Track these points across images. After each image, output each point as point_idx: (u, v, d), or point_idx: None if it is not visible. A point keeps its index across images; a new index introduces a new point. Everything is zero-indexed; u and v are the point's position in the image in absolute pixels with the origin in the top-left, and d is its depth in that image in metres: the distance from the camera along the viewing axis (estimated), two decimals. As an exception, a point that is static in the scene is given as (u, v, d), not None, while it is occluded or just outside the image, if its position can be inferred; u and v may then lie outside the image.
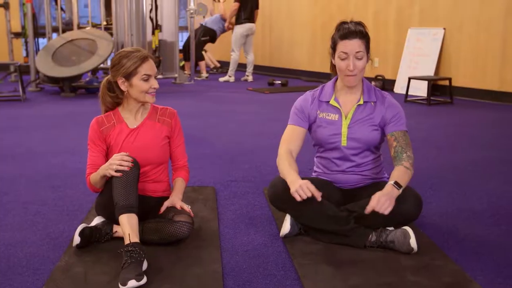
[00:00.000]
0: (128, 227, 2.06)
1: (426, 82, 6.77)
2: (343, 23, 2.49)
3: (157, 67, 8.48)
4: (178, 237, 2.23)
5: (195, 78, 9.39)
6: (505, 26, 6.49)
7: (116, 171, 2.14)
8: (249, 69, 9.41)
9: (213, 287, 1.91)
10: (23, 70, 7.33)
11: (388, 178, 2.43)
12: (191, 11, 8.87)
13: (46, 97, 7.19)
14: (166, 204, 2.33)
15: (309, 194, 2.17)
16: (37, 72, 7.65)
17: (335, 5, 8.96)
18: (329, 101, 2.51)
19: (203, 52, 10.21)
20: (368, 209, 2.15)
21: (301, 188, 2.17)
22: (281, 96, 7.49)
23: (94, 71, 8.21)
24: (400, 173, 2.29)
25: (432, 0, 7.37)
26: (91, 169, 2.33)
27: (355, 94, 2.50)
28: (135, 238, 2.04)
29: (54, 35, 8.41)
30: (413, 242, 2.17)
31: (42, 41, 8.77)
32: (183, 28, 10.47)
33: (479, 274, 2.03)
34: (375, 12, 8.22)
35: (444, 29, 7.22)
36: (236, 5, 8.85)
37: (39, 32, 8.53)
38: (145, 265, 2.01)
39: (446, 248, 2.29)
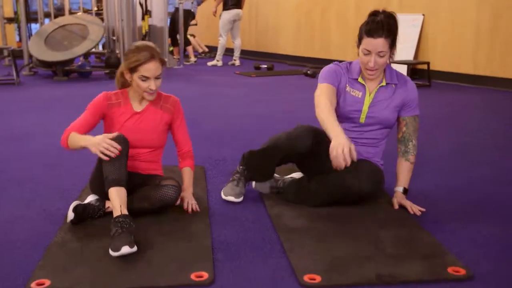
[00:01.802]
0: (117, 199, 2.08)
1: (405, 66, 6.82)
2: (374, 14, 2.39)
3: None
4: (167, 201, 2.27)
5: (184, 62, 9.34)
6: (478, 14, 6.53)
7: (103, 153, 2.13)
8: (236, 53, 9.39)
9: (204, 260, 1.92)
10: (16, 54, 7.27)
11: (381, 163, 2.58)
12: (180, -2, 8.81)
13: (40, 80, 7.12)
14: (185, 197, 2.42)
15: (349, 160, 2.09)
16: (30, 56, 7.57)
17: (318, -8, 8.92)
18: (357, 79, 2.51)
19: (191, 38, 10.14)
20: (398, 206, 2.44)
21: (345, 151, 2.08)
22: (267, 79, 7.48)
23: (86, 55, 8.15)
24: (407, 175, 2.50)
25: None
26: (73, 129, 2.31)
27: (378, 77, 2.50)
28: (125, 210, 2.06)
29: (46, 20, 8.31)
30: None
31: (34, 26, 8.67)
32: (171, 14, 10.38)
33: (454, 246, 2.06)
34: (357, 0, 8.21)
35: (423, 15, 7.24)
36: None
37: (31, 17, 8.44)
38: (134, 249, 1.98)
39: (423, 222, 2.31)
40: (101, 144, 2.13)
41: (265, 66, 8.69)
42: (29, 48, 7.35)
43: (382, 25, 2.31)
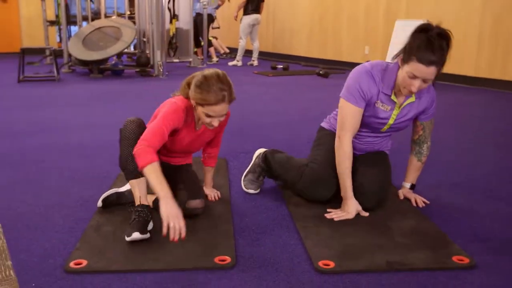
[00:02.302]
0: (137, 190, 2.03)
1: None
2: (427, 30, 1.99)
3: (174, 53, 8.49)
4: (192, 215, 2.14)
5: (207, 62, 9.32)
6: (481, 20, 6.41)
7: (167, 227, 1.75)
8: (255, 54, 9.35)
9: (226, 243, 1.90)
10: (57, 54, 7.33)
11: (388, 148, 2.48)
12: (204, 3, 8.79)
13: (77, 77, 7.15)
14: (207, 191, 2.39)
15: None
16: (69, 55, 7.61)
17: (331, -1, 8.84)
18: (390, 95, 2.18)
19: (213, 39, 10.12)
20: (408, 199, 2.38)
21: (350, 215, 2.17)
22: (283, 78, 7.44)
23: (119, 55, 8.16)
24: (416, 172, 2.42)
25: (418, -5, 7.27)
26: (151, 147, 1.91)
27: None
28: (145, 201, 2.02)
29: (84, 23, 8.33)
30: None
31: (73, 29, 8.71)
32: (193, 18, 10.37)
33: (458, 237, 2.02)
34: (367, 5, 8.11)
35: (427, 20, 7.12)
36: None
37: (71, 20, 8.49)
38: (150, 226, 2.00)
39: (429, 214, 2.27)
40: (174, 219, 1.75)
41: (281, 66, 8.64)
42: (69, 48, 7.40)
43: (438, 53, 1.95)
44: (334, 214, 2.18)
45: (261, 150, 2.63)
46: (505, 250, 1.95)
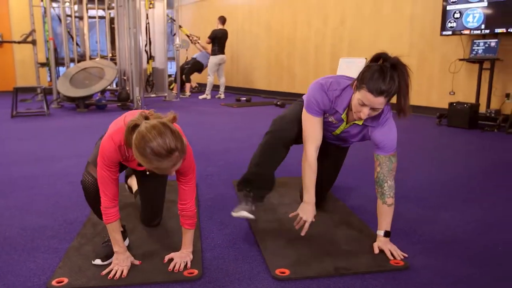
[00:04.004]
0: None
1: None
2: (383, 60, 1.80)
3: (151, 89, 8.41)
4: None
5: (180, 96, 9.27)
6: (409, 57, 6.60)
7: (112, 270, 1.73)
8: (222, 89, 9.36)
9: (194, 259, 1.84)
10: (47, 91, 7.15)
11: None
12: (177, 45, 8.78)
13: (65, 112, 6.99)
14: (175, 257, 1.82)
15: (304, 230, 1.96)
16: (58, 93, 7.43)
17: (285, 39, 8.96)
18: (341, 114, 1.98)
19: (190, 77, 10.16)
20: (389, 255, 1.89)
21: (307, 218, 1.95)
22: (246, 109, 7.44)
23: (103, 91, 8.04)
24: (387, 217, 1.96)
25: (357, 37, 7.44)
26: (110, 206, 1.72)
27: None
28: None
29: (72, 64, 8.18)
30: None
31: (62, 69, 8.53)
32: (171, 59, 10.32)
33: (394, 242, 2.01)
34: (315, 46, 8.25)
35: (366, 58, 7.30)
36: (208, 40, 8.93)
37: (59, 62, 8.33)
38: (125, 243, 1.91)
39: (371, 223, 2.27)
40: (119, 265, 1.73)
41: (244, 98, 8.65)
42: (57, 86, 7.23)
43: (388, 83, 1.73)
44: (296, 224, 1.99)
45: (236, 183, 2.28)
46: (436, 253, 1.96)
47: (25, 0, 9.33)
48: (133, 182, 2.49)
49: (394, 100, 1.84)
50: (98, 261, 1.80)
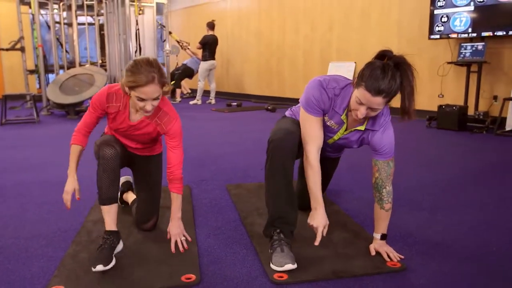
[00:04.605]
0: (107, 216, 1.91)
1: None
2: (387, 58, 1.70)
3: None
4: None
5: (172, 102, 9.24)
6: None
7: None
8: (212, 94, 9.34)
9: (192, 264, 1.83)
10: (36, 98, 7.08)
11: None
12: (167, 51, 8.76)
13: (55, 119, 6.92)
14: (172, 235, 1.98)
15: (318, 237, 1.84)
16: (48, 100, 7.36)
17: (275, 45, 8.98)
18: (341, 115, 1.89)
19: (182, 83, 10.15)
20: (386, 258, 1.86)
21: (318, 228, 1.85)
22: (237, 114, 7.44)
23: (93, 98, 7.97)
24: (384, 221, 1.93)
25: (346, 42, 7.49)
26: (80, 131, 1.99)
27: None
28: (113, 227, 1.91)
29: (61, 71, 8.11)
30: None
31: (51, 76, 8.44)
32: (161, 65, 10.32)
33: (391, 244, 2.00)
34: (304, 51, 8.29)
35: (355, 63, 7.35)
36: (199, 46, 8.89)
37: (48, 69, 8.25)
38: (119, 247, 1.91)
39: (366, 226, 2.28)
40: (65, 192, 1.94)
41: (235, 103, 8.65)
42: (47, 93, 7.15)
43: (388, 83, 1.64)
44: (317, 238, 1.86)
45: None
46: (431, 254, 1.96)
47: (13, 7, 9.26)
48: (128, 196, 2.51)
49: (394, 102, 1.80)
50: (100, 267, 1.72)
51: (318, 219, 1.87)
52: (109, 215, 1.93)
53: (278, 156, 1.90)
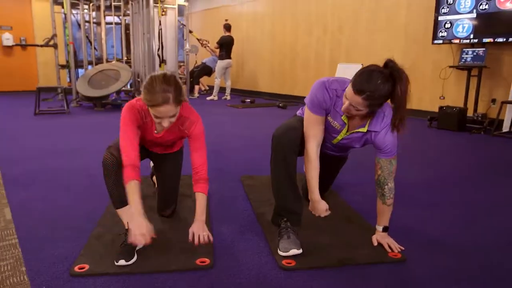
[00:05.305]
0: (125, 217, 1.79)
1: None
2: (386, 66, 1.66)
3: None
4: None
5: (189, 97, 9.25)
6: (402, 64, 6.55)
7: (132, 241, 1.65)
8: (228, 91, 9.32)
9: (205, 248, 1.81)
10: (67, 91, 7.12)
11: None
12: (187, 50, 8.76)
13: (84, 110, 6.97)
14: (195, 231, 1.77)
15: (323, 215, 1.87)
16: (77, 93, 7.42)
17: (288, 46, 8.92)
18: (341, 115, 1.86)
19: (200, 80, 10.16)
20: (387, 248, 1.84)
21: (320, 213, 1.89)
22: (250, 110, 7.42)
23: (118, 92, 8.00)
24: (386, 215, 1.91)
25: (353, 44, 7.40)
26: (131, 159, 1.70)
27: (363, 119, 1.83)
28: None
29: (90, 66, 8.16)
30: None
31: (80, 71, 8.51)
32: (181, 62, 10.30)
33: (392, 236, 1.97)
34: (315, 52, 8.22)
35: (362, 64, 7.26)
36: (216, 45, 8.88)
37: (78, 64, 8.31)
38: (139, 246, 1.79)
39: (369, 218, 2.25)
40: (140, 235, 1.62)
41: (249, 100, 8.62)
42: (77, 86, 7.22)
43: (372, 86, 1.61)
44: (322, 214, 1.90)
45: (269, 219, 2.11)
46: (431, 247, 1.93)
47: (47, 7, 9.32)
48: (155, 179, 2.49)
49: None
50: (122, 262, 1.68)
51: (319, 209, 1.90)
52: (126, 216, 1.79)
53: (280, 151, 1.92)
